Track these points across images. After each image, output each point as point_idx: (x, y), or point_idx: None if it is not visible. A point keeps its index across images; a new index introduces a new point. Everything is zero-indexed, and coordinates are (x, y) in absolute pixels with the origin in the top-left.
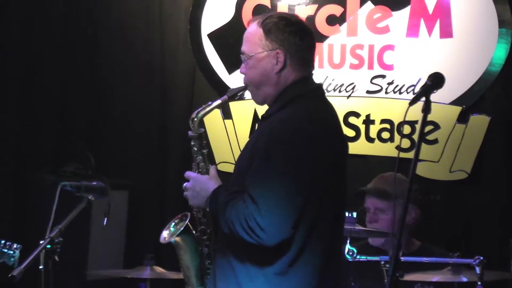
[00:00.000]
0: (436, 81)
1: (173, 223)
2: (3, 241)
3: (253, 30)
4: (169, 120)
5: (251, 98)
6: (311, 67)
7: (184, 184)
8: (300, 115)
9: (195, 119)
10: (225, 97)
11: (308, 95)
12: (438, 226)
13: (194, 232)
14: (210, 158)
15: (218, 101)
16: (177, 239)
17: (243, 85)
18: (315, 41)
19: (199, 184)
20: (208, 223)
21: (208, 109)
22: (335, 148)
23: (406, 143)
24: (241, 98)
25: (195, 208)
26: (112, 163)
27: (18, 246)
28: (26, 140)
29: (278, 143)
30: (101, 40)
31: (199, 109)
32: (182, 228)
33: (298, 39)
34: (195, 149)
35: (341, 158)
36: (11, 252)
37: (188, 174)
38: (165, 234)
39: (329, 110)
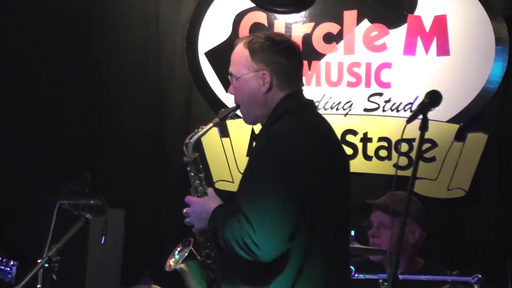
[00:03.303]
0: (433, 99)
1: (176, 251)
2: None
3: (240, 51)
4: (166, 138)
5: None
6: (300, 84)
7: (184, 210)
8: (287, 130)
9: (189, 144)
10: (217, 119)
11: (296, 110)
12: (435, 244)
13: (198, 257)
14: (207, 176)
15: (210, 125)
16: (182, 265)
17: (234, 105)
18: (301, 60)
19: (199, 207)
20: (212, 247)
21: (201, 133)
22: (330, 159)
23: (403, 161)
24: (237, 116)
25: (197, 233)
26: (108, 181)
27: (15, 262)
28: (22, 158)
29: (265, 160)
30: (98, 57)
31: (192, 134)
32: (186, 254)
33: (283, 59)
34: (192, 174)
35: (339, 168)
36: (8, 269)
37: (188, 199)
38: (170, 262)
39: (322, 122)
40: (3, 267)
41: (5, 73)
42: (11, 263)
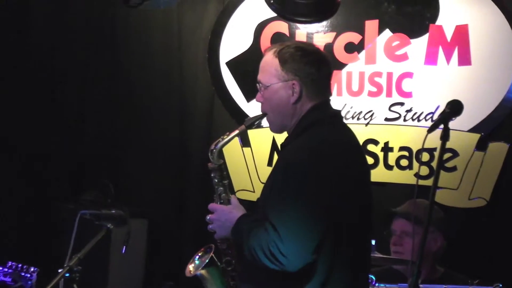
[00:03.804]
0: (454, 108)
1: (197, 256)
2: (20, 265)
3: (269, 60)
4: (188, 148)
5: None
6: (328, 94)
7: (208, 217)
8: (315, 141)
9: (214, 150)
10: (243, 126)
11: (324, 121)
12: (457, 253)
13: (219, 264)
14: (229, 186)
15: (236, 132)
16: (203, 271)
17: (261, 113)
18: (331, 70)
19: (223, 215)
20: (233, 254)
21: (226, 139)
22: (355, 171)
23: (424, 170)
24: (259, 126)
25: (219, 240)
26: (131, 192)
27: (35, 269)
28: (44, 168)
29: (294, 170)
30: (121, 68)
31: (218, 140)
32: (207, 261)
33: (314, 70)
34: (216, 180)
35: (363, 180)
36: (28, 275)
37: (212, 206)
38: (190, 267)
39: (347, 133)
40: (23, 274)
41: (28, 81)
42: (32, 269)
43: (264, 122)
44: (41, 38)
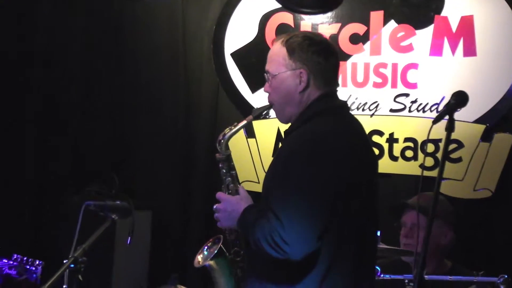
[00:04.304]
0: (459, 99)
1: (206, 247)
2: (25, 258)
3: (277, 50)
4: (193, 140)
5: (275, 117)
6: (335, 85)
7: (215, 206)
8: (320, 129)
9: (222, 141)
10: (250, 117)
11: (331, 111)
12: (462, 245)
13: (227, 254)
14: (236, 176)
15: (244, 122)
16: (211, 262)
17: (268, 104)
18: (339, 61)
19: (230, 206)
20: (241, 245)
21: (234, 130)
22: (362, 160)
23: (430, 161)
24: (265, 117)
25: (227, 231)
26: (136, 183)
27: (40, 262)
28: (49, 160)
29: (296, 158)
30: (126, 60)
31: (225, 131)
32: (215, 251)
33: (322, 59)
34: (224, 171)
35: (369, 170)
36: (33, 268)
37: (220, 195)
38: (199, 258)
39: (354, 124)
40: (28, 267)
41: (34, 74)
42: (37, 262)
43: (271, 113)
44: (46, 34)
